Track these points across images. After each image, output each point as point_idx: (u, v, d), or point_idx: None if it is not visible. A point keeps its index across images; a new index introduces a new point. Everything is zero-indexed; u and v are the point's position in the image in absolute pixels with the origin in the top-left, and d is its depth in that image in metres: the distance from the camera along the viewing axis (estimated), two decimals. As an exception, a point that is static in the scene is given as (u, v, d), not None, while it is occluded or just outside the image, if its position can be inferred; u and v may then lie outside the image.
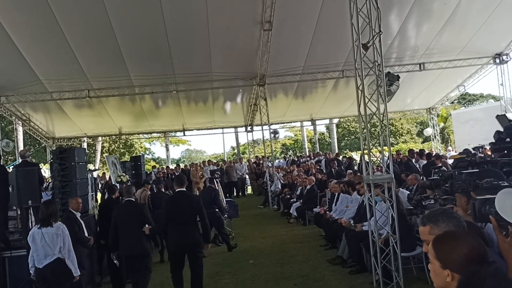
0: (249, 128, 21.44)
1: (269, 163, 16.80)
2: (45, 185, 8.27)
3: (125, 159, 20.25)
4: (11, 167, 10.69)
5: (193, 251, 5.51)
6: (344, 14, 6.76)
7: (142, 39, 11.92)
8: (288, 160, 21.48)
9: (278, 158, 27.05)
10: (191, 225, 5.52)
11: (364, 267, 6.39)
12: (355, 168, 14.67)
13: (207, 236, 5.75)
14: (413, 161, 12.01)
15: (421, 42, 13.88)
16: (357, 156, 20.89)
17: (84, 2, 10.15)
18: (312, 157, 20.43)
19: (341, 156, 20.41)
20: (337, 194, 8.57)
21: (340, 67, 14.54)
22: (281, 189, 14.51)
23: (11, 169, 8.37)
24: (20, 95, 14.58)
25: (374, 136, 6.63)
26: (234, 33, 12.13)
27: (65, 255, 4.85)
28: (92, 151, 27.08)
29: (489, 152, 8.16)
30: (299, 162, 19.24)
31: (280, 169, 17.23)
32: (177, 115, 18.57)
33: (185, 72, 13.96)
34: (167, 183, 11.40)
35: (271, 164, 16.78)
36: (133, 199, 6.16)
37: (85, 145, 21.22)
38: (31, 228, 5.61)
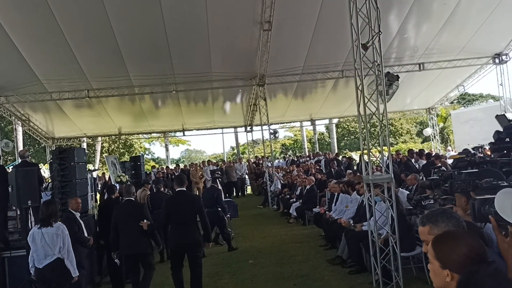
0: (248, 128, 21.41)
1: (268, 163, 16.79)
2: (44, 185, 8.25)
3: (124, 159, 20.24)
4: (11, 167, 10.68)
5: (192, 251, 5.55)
6: (344, 14, 6.76)
7: (142, 39, 11.92)
8: (288, 160, 21.47)
9: (277, 158, 27.04)
10: (191, 224, 5.57)
11: (364, 267, 6.39)
12: (354, 168, 14.66)
13: (207, 235, 5.83)
14: (412, 161, 12.02)
15: (420, 42, 13.88)
16: (357, 156, 20.88)
17: (84, 2, 10.15)
18: (312, 157, 20.42)
19: (341, 156, 20.40)
20: (336, 194, 8.56)
21: (339, 67, 14.54)
22: (281, 189, 14.51)
23: (10, 169, 8.37)
24: (19, 95, 14.57)
25: (373, 136, 6.63)
26: (233, 33, 12.13)
27: (64, 255, 4.85)
28: (91, 151, 27.04)
29: (488, 152, 8.18)
30: (298, 162, 19.24)
31: (279, 169, 17.23)
32: (176, 115, 18.56)
33: (184, 72, 13.96)
34: (166, 183, 11.38)
35: (270, 164, 16.77)
36: (132, 199, 6.16)
37: (84, 145, 21.22)
38: (30, 228, 5.62)
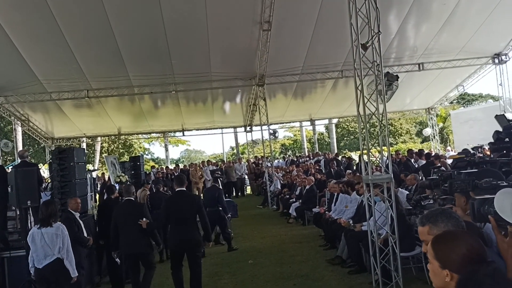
0: (248, 128, 21.40)
1: (268, 163, 16.79)
2: (44, 185, 8.23)
3: (124, 159, 20.23)
4: (10, 167, 10.68)
5: (192, 251, 5.56)
6: (343, 14, 6.75)
7: (141, 39, 11.92)
8: (287, 160, 21.47)
9: (277, 158, 27.05)
10: (190, 224, 5.58)
11: (363, 267, 6.39)
12: (354, 168, 14.66)
13: (207, 234, 5.84)
14: (412, 161, 12.03)
15: (420, 42, 13.88)
16: (356, 156, 20.88)
17: (84, 2, 10.14)
18: (311, 157, 20.43)
19: (340, 156, 20.40)
20: (336, 194, 8.56)
21: (339, 67, 14.53)
22: (280, 189, 14.51)
23: (10, 169, 8.37)
24: (19, 95, 14.55)
25: (373, 136, 6.63)
26: (233, 33, 12.12)
27: (64, 255, 4.85)
28: (91, 151, 27.05)
29: (488, 152, 8.18)
30: (298, 162, 19.24)
31: (279, 169, 17.24)
32: (176, 115, 18.55)
33: (184, 72, 13.95)
34: (166, 183, 11.39)
35: (270, 164, 16.77)
36: (132, 199, 6.17)
37: (84, 145, 21.21)
38: (30, 228, 5.61)
